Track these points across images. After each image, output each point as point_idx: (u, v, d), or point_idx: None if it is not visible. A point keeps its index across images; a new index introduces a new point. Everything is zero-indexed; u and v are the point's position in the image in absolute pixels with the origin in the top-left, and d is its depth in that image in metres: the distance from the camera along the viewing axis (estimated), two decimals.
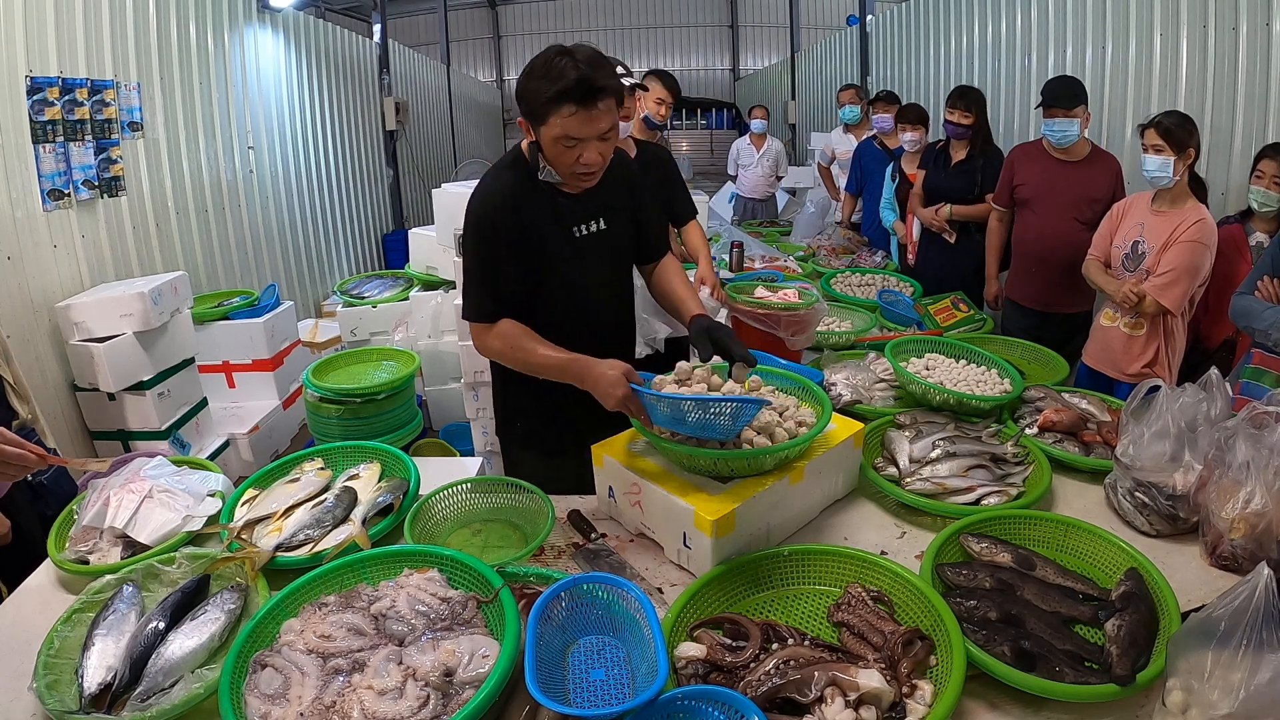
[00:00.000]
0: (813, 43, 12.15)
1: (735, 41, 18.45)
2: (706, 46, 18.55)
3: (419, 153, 10.48)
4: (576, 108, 1.81)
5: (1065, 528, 1.73)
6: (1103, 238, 3.14)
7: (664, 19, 18.23)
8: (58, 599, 1.79)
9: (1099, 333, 3.18)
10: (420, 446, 3.95)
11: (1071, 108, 3.40)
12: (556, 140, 1.87)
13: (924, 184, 4.37)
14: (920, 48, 7.29)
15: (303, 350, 5.27)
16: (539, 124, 1.87)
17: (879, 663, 1.34)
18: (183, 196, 5.07)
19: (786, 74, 12.74)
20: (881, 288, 4.01)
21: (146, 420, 3.89)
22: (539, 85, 1.82)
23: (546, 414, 2.27)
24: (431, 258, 5.00)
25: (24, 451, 1.46)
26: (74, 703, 1.39)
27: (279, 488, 2.04)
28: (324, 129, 7.54)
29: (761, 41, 18.11)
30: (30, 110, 3.74)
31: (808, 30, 13.83)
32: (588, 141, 1.87)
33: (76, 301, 3.80)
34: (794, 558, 1.65)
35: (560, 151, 1.89)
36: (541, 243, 2.03)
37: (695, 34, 18.43)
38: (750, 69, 17.92)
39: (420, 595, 1.48)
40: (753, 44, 18.33)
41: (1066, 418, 2.21)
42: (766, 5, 17.63)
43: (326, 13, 12.27)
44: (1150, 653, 1.36)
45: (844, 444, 1.89)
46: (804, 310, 2.74)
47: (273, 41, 6.51)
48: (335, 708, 1.27)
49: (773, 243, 5.82)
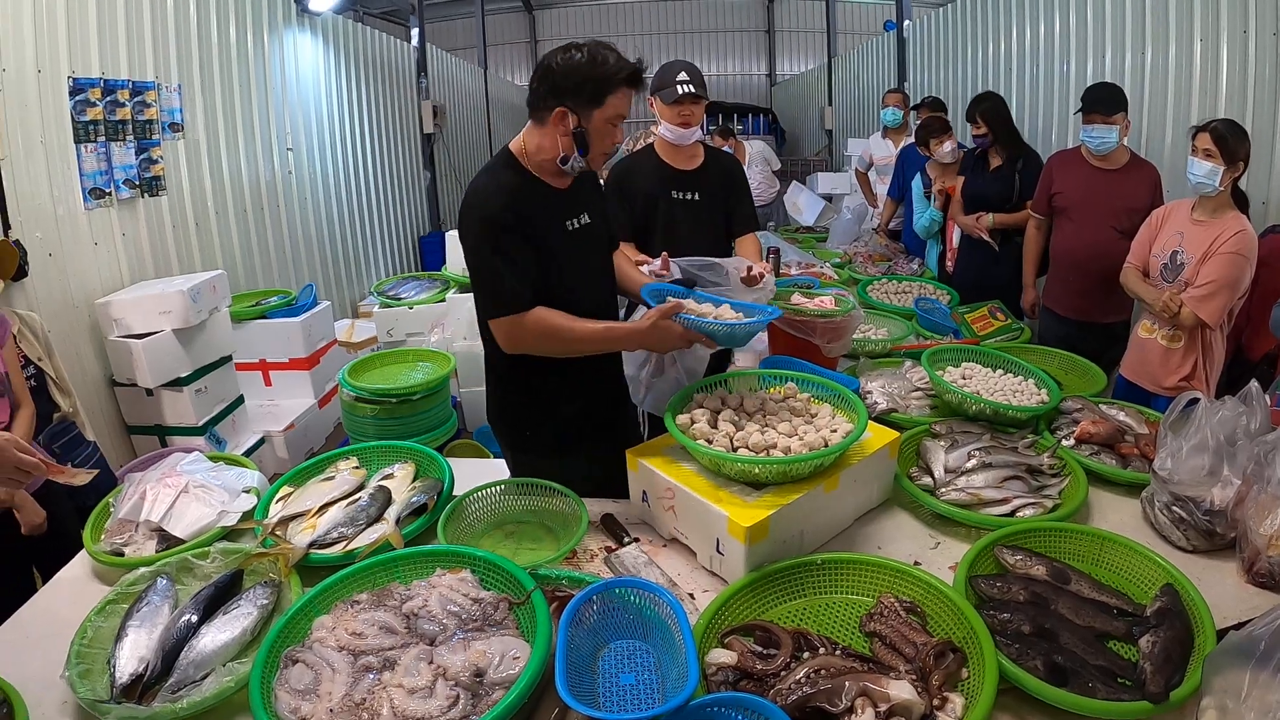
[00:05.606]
0: (850, 48, 12.04)
1: (771, 47, 18.31)
2: (743, 52, 18.42)
3: (456, 156, 10.55)
4: (630, 90, 2.00)
5: (1101, 541, 1.71)
6: (1141, 245, 3.09)
7: (700, 24, 18.14)
8: (92, 590, 1.82)
9: (1137, 344, 3.13)
10: (454, 447, 3.97)
11: (1111, 114, 3.35)
12: (610, 120, 2.00)
13: (963, 190, 4.32)
14: (958, 53, 7.23)
15: (339, 350, 5.34)
16: (595, 105, 1.97)
17: (910, 674, 1.33)
18: (222, 196, 5.15)
19: (823, 80, 12.66)
20: (918, 295, 3.97)
21: (183, 416, 3.95)
22: (607, 69, 1.95)
23: (553, 420, 2.27)
24: None
25: (38, 460, 1.48)
26: (105, 692, 1.41)
27: (313, 485, 2.06)
28: (362, 131, 7.61)
29: (798, 47, 17.95)
30: (72, 110, 3.81)
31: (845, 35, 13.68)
32: (622, 123, 2.04)
33: (116, 298, 3.86)
34: (827, 566, 1.64)
35: (608, 131, 2.01)
36: (544, 236, 2.07)
37: (731, 39, 18.32)
38: (787, 74, 17.78)
39: (452, 595, 1.49)
40: (789, 49, 18.18)
41: (1104, 430, 2.17)
42: (803, 10, 17.49)
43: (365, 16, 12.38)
44: (1185, 670, 1.34)
45: (879, 453, 1.88)
46: (840, 317, 2.72)
47: (312, 45, 6.58)
48: (365, 705, 1.28)
49: (809, 249, 5.77)
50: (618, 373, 2.42)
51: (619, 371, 2.43)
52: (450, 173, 10.15)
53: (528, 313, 2.01)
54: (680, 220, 2.94)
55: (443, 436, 3.62)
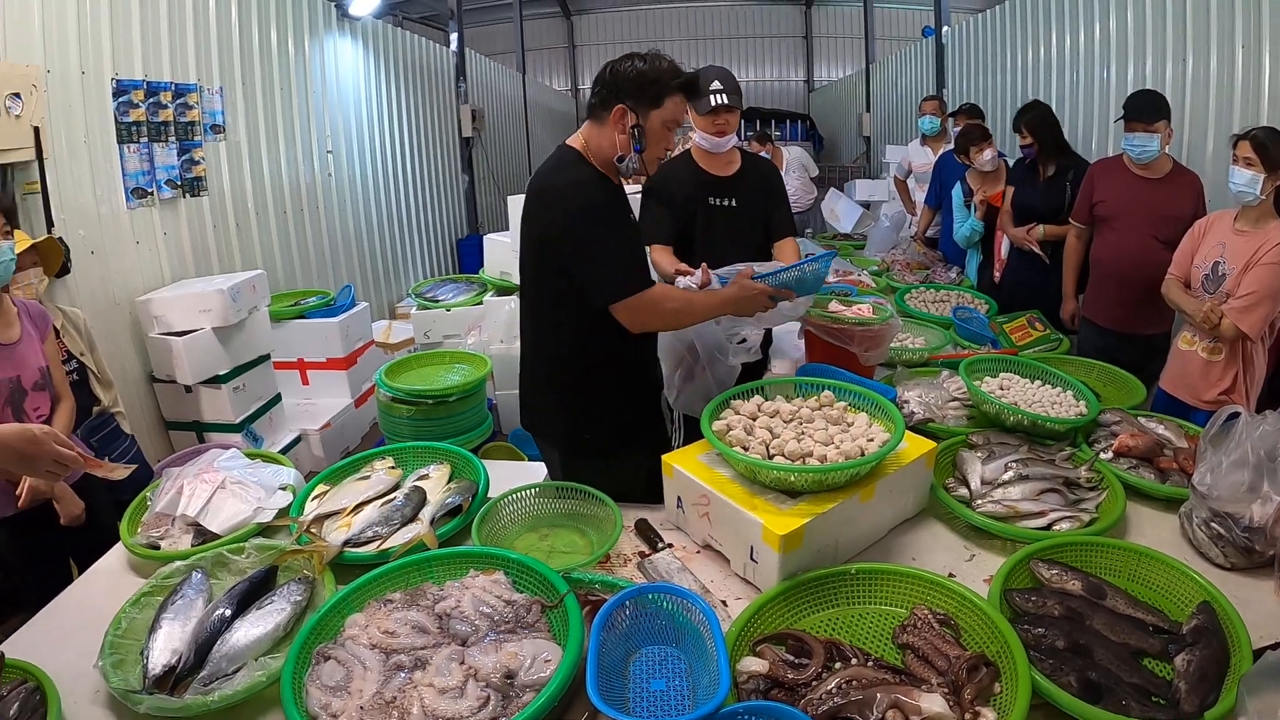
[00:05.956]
0: (888, 54, 11.99)
1: (809, 53, 18.24)
2: (781, 58, 18.37)
3: (494, 159, 10.63)
4: (685, 98, 2.12)
5: (1137, 557, 1.68)
6: (1183, 256, 3.04)
7: (738, 30, 18.13)
8: (127, 582, 1.85)
9: (1177, 357, 3.08)
10: (489, 450, 3.98)
11: (1152, 122, 3.30)
12: (665, 123, 2.10)
13: (1013, 201, 4.27)
14: (997, 59, 7.17)
15: (376, 351, 5.41)
16: (654, 106, 2.07)
17: (942, 687, 1.31)
18: (262, 197, 5.22)
19: (861, 86, 12.61)
20: (956, 304, 3.92)
21: (221, 413, 4.01)
22: (665, 73, 2.06)
23: (616, 420, 2.31)
24: (506, 263, 5.05)
25: (76, 454, 1.51)
26: (137, 683, 1.43)
27: (349, 484, 2.08)
28: (401, 135, 7.69)
29: (836, 53, 17.86)
30: (116, 111, 3.89)
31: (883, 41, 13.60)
32: (675, 129, 2.14)
33: (157, 296, 3.93)
34: (861, 576, 1.62)
35: (663, 134, 2.12)
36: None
37: (769, 45, 18.28)
38: (824, 81, 17.70)
39: (485, 597, 1.49)
40: (827, 55, 18.09)
41: (1142, 443, 2.14)
42: (841, 17, 17.40)
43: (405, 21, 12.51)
44: (1220, 690, 1.32)
45: (916, 463, 1.87)
46: (878, 326, 2.71)
47: (352, 49, 6.67)
48: (395, 703, 1.29)
49: (846, 256, 5.74)
50: (659, 375, 2.47)
51: (660, 374, 2.47)
52: (489, 176, 10.21)
53: (651, 289, 2.12)
54: (718, 227, 2.94)
55: (478, 439, 3.63)
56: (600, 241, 2.07)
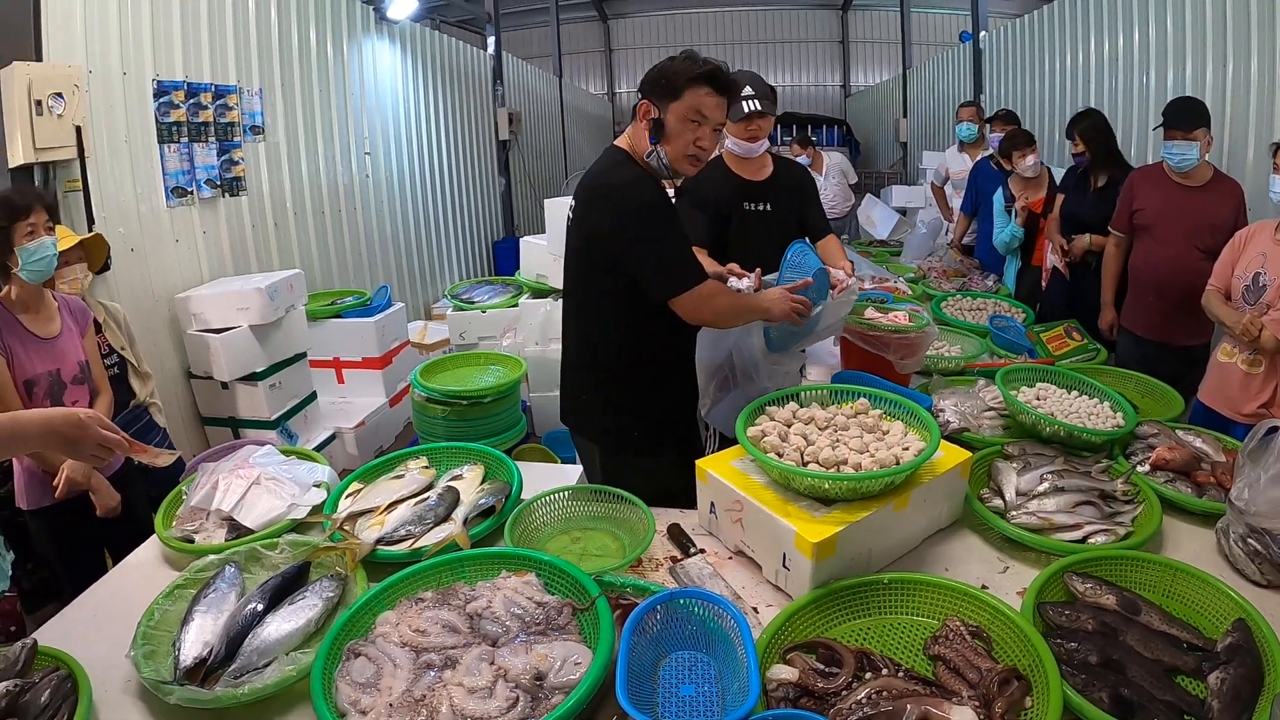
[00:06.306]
0: (925, 59, 11.91)
1: (846, 58, 18.15)
2: (817, 63, 18.30)
3: (530, 162, 10.69)
4: (713, 91, 2.06)
5: (1173, 572, 1.65)
6: (1224, 267, 2.99)
7: (775, 34, 18.09)
8: (161, 574, 1.88)
9: (1216, 368, 3.03)
10: (522, 451, 3.99)
11: (1191, 130, 3.25)
12: (685, 116, 2.07)
13: (1062, 210, 4.22)
14: (1035, 64, 7.10)
15: (411, 351, 5.46)
16: (673, 99, 2.07)
17: (973, 700, 1.30)
18: (301, 198, 5.29)
19: (898, 91, 12.53)
20: (993, 313, 3.88)
21: (257, 410, 4.07)
22: (684, 66, 2.06)
23: (658, 418, 2.34)
24: (542, 266, 5.08)
25: (122, 439, 1.53)
26: (168, 673, 1.45)
27: (383, 483, 2.10)
28: (438, 137, 7.76)
29: (873, 58, 17.78)
30: (156, 112, 3.96)
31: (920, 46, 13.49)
32: (708, 125, 2.09)
33: (196, 293, 3.99)
34: (893, 586, 1.61)
35: (685, 129, 2.08)
36: None
37: (806, 50, 18.22)
38: (861, 85, 17.63)
39: (516, 598, 1.50)
40: (864, 60, 18.00)
41: (1180, 456, 2.10)
42: (878, 21, 17.33)
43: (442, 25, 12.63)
44: (1254, 710, 1.29)
45: (950, 472, 1.85)
46: (914, 333, 2.69)
47: (390, 51, 6.73)
48: (425, 701, 1.29)
49: (883, 263, 5.69)
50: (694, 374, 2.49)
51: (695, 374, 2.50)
52: (525, 179, 10.27)
53: (708, 282, 2.15)
54: (753, 232, 2.93)
55: (511, 440, 3.64)
56: (654, 238, 2.10)
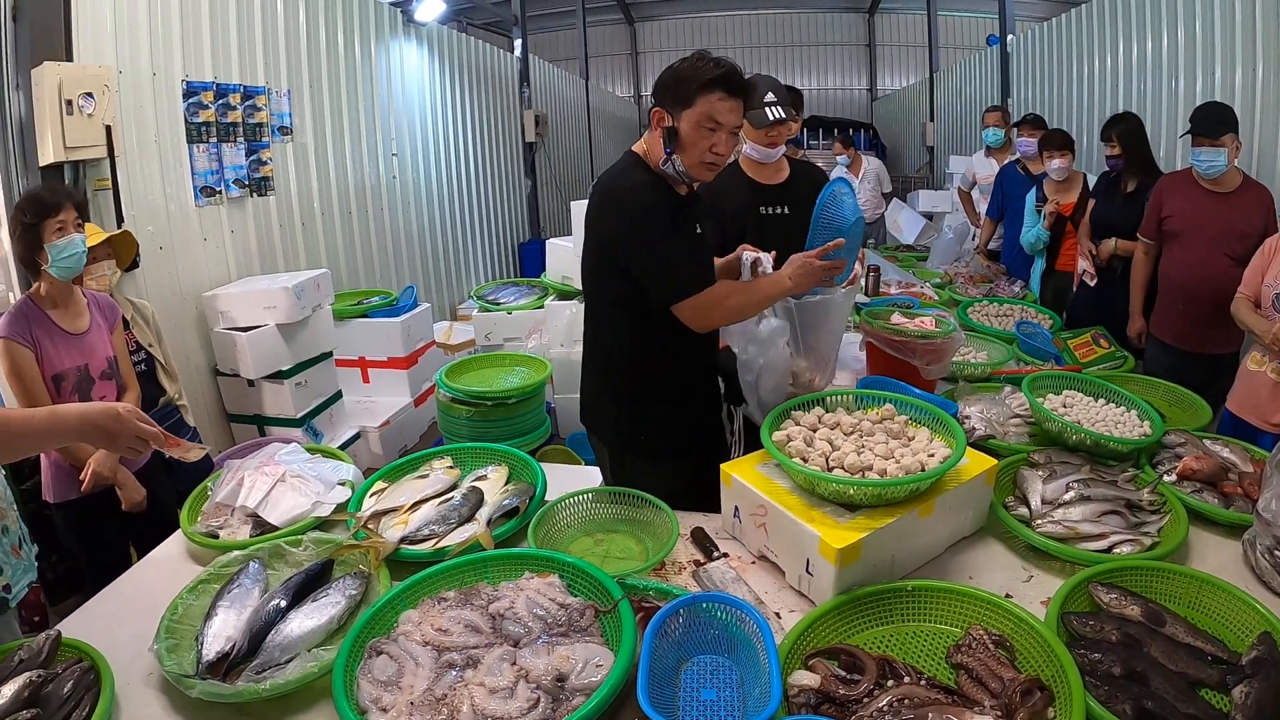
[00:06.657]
0: (952, 63, 11.80)
1: (872, 61, 18.01)
2: (844, 66, 18.16)
3: (557, 164, 10.74)
4: (726, 95, 1.99)
5: (1198, 584, 1.63)
6: (1254, 274, 2.95)
7: (801, 38, 18.00)
8: (185, 569, 1.90)
9: (1245, 377, 2.99)
10: (546, 453, 4.01)
11: (1218, 136, 3.21)
12: (699, 123, 2.01)
13: (1093, 214, 4.19)
14: (1062, 69, 7.03)
15: (436, 351, 5.48)
16: (685, 106, 2.01)
17: (995, 710, 1.29)
18: (328, 198, 5.34)
19: (925, 95, 12.45)
20: (1019, 319, 3.84)
21: (283, 408, 4.11)
22: (695, 70, 2.00)
23: (667, 423, 2.31)
24: (568, 268, 5.08)
25: (157, 431, 1.55)
26: (191, 667, 1.46)
27: (407, 482, 2.11)
28: (465, 139, 7.80)
29: (899, 61, 17.61)
30: (185, 112, 4.01)
31: (947, 50, 13.36)
32: (723, 130, 2.03)
33: (223, 292, 4.04)
34: (916, 593, 1.60)
35: (700, 136, 2.02)
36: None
37: (832, 53, 18.11)
38: (888, 89, 17.49)
39: (539, 599, 1.50)
40: (890, 64, 17.84)
41: (1207, 466, 2.08)
42: (905, 25, 17.16)
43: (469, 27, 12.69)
44: None
45: (976, 480, 1.83)
46: (940, 339, 2.67)
47: (417, 53, 6.78)
48: (445, 700, 1.30)
49: (909, 268, 5.67)
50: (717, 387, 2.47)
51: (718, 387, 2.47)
52: (551, 181, 10.31)
53: (713, 287, 2.11)
54: (770, 236, 2.91)
55: (535, 441, 3.65)
56: (655, 243, 2.07)
